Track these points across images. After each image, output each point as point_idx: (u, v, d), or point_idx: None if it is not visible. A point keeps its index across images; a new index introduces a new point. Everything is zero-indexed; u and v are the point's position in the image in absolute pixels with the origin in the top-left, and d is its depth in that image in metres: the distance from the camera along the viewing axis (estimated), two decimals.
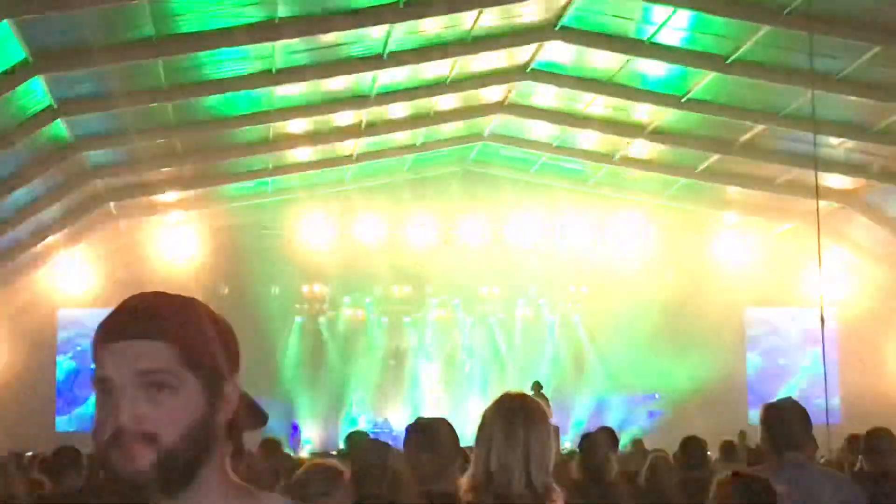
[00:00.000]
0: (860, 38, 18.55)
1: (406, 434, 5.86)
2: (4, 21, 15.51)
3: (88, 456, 9.10)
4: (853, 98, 20.96)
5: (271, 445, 10.51)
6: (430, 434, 5.78)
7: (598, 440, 9.95)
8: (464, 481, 4.03)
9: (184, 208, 28.63)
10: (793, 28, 18.51)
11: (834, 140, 23.19)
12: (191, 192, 27.59)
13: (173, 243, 29.10)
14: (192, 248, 29.14)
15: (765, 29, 18.76)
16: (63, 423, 29.19)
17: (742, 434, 20.00)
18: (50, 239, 26.73)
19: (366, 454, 6.61)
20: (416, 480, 5.73)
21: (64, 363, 29.71)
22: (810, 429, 5.99)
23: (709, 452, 9.80)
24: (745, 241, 30.58)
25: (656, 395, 30.77)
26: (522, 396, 4.16)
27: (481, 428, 4.05)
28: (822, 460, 14.42)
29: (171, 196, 27.68)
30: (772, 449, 5.85)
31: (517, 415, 4.00)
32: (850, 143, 23.48)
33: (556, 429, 13.80)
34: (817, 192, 21.75)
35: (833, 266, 26.25)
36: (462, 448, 5.65)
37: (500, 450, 3.93)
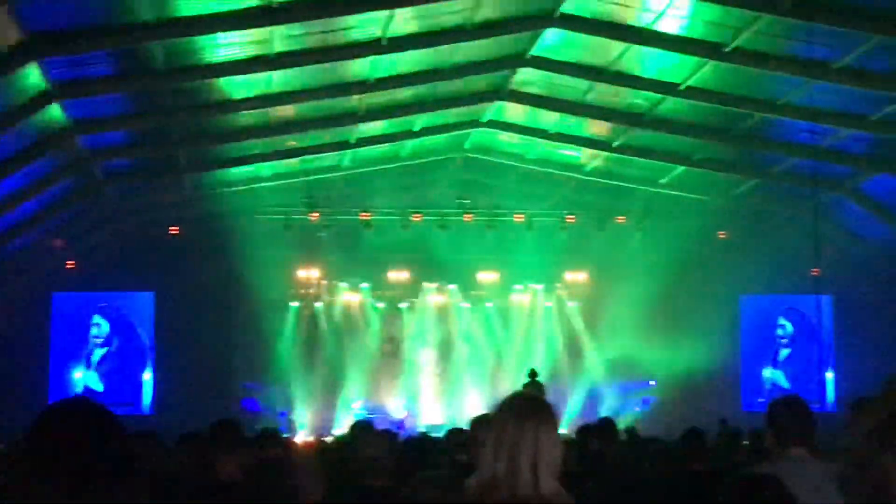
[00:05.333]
0: (859, 28, 18.50)
1: None
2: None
3: None
4: (851, 87, 20.92)
5: (269, 435, 10.52)
6: None
7: (594, 431, 9.96)
8: (471, 481, 4.00)
9: (180, 193, 28.57)
10: (792, 17, 18.47)
11: (832, 130, 23.19)
12: (186, 176, 27.53)
13: (169, 228, 29.03)
14: (188, 234, 29.08)
15: (764, 17, 18.71)
16: None
17: (723, 422, 19.94)
18: (44, 223, 26.68)
19: (370, 445, 6.61)
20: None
21: (57, 347, 29.68)
22: (814, 424, 6.06)
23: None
24: (742, 229, 30.55)
25: (651, 382, 30.84)
26: (534, 398, 4.13)
27: (490, 429, 4.02)
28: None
29: (167, 180, 27.62)
30: (778, 444, 5.90)
31: (528, 418, 3.96)
32: (847, 132, 23.46)
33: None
34: (814, 180, 21.82)
35: (829, 254, 26.23)
36: None
37: (510, 452, 3.90)
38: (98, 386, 29.57)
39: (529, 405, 4.07)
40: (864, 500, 1.80)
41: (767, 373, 31.38)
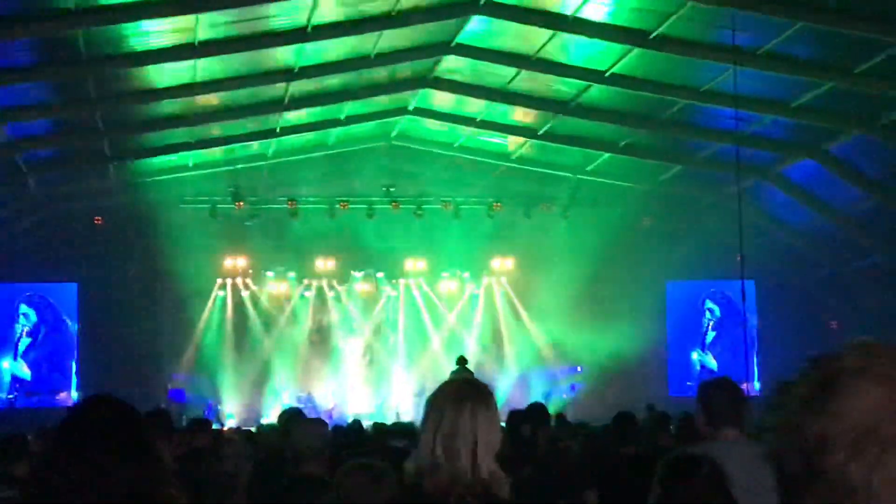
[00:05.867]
0: (782, 14, 18.69)
1: None
2: None
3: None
4: (774, 73, 21.15)
5: (201, 424, 10.51)
6: None
7: (526, 416, 9.98)
8: (410, 466, 4.00)
9: (105, 182, 28.24)
10: (715, 3, 18.67)
11: (756, 116, 23.43)
12: (111, 166, 27.23)
13: (94, 217, 28.68)
14: (112, 223, 28.75)
15: (688, 4, 18.85)
16: None
17: (650, 407, 20.02)
18: None
19: (305, 433, 6.59)
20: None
21: None
22: (745, 406, 6.11)
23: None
24: (667, 215, 30.78)
25: (578, 368, 31.01)
26: (471, 381, 4.14)
27: (429, 412, 4.02)
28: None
29: (91, 170, 27.30)
30: (709, 426, 5.95)
31: (466, 401, 3.97)
32: (770, 118, 23.73)
33: None
34: (738, 166, 22.02)
35: (754, 239, 26.54)
36: None
37: (448, 436, 3.91)
38: (25, 375, 29.22)
39: (467, 388, 4.09)
40: (796, 469, 1.83)
41: (696, 356, 31.72)
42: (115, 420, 3.28)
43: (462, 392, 4.04)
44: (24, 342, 29.48)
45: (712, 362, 31.49)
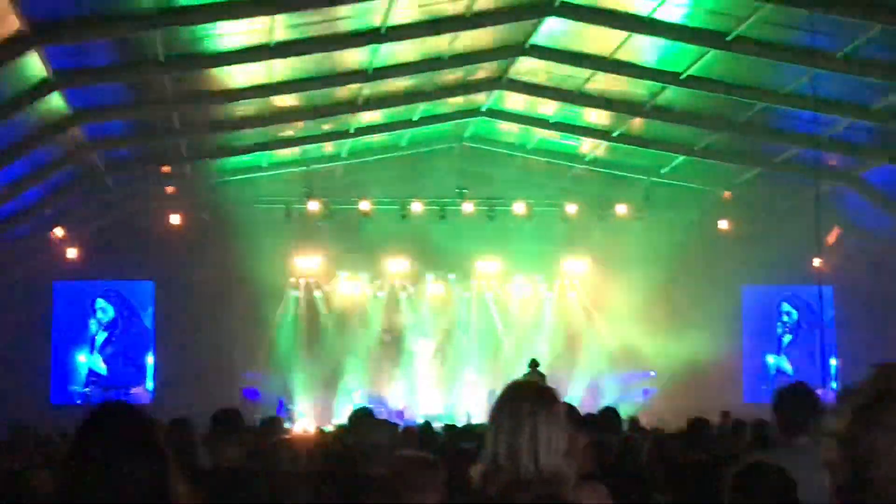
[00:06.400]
0: (861, 17, 18.45)
1: None
2: None
3: None
4: (853, 76, 20.87)
5: (273, 423, 10.58)
6: None
7: (598, 420, 9.92)
8: (476, 468, 4.01)
9: (179, 181, 28.54)
10: (793, 5, 18.45)
11: (834, 119, 23.13)
12: (187, 166, 27.52)
13: (168, 217, 28.95)
14: (188, 223, 29.01)
15: (765, 6, 18.66)
16: (57, 395, 29.15)
17: (724, 413, 19.79)
18: (45, 212, 26.68)
19: (372, 433, 6.59)
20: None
21: (59, 333, 29.66)
22: (818, 412, 6.03)
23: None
24: (743, 219, 30.48)
25: (651, 373, 30.79)
26: (530, 383, 4.15)
27: (492, 415, 4.05)
28: None
29: (166, 169, 27.60)
30: (783, 433, 5.88)
31: (524, 401, 4.00)
32: (849, 122, 23.40)
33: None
34: (816, 170, 21.76)
35: (831, 244, 26.21)
36: None
37: (508, 436, 3.93)
38: (102, 369, 29.63)
39: (524, 388, 4.16)
40: (847, 477, 1.80)
41: (772, 359, 31.42)
42: (126, 423, 3.55)
43: (520, 393, 4.09)
44: (101, 337, 29.90)
45: (788, 366, 31.17)
